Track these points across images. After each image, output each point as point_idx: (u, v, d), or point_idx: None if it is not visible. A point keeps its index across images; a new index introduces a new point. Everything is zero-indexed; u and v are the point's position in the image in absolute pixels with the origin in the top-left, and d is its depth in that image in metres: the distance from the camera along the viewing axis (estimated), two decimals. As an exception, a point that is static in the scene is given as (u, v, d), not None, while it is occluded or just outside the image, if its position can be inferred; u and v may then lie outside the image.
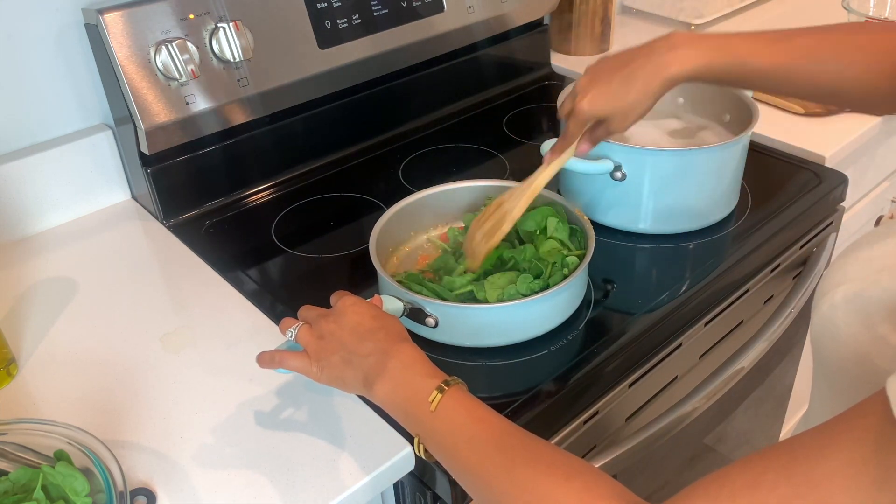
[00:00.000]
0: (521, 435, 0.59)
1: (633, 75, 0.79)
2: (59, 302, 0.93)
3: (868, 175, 1.39)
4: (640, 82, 0.79)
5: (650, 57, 0.79)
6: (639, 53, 0.80)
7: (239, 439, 0.74)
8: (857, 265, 0.62)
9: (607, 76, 0.81)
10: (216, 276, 0.96)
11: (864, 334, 0.58)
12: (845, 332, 0.60)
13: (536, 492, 0.54)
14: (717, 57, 0.77)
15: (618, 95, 0.80)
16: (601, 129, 0.85)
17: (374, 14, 1.14)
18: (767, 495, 0.43)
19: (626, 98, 0.80)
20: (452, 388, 0.63)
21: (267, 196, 1.14)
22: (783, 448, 0.44)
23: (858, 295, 0.59)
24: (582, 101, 0.81)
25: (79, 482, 0.62)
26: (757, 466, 0.44)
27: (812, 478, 0.42)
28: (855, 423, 0.42)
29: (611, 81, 0.80)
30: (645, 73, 0.78)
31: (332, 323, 0.70)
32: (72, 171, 1.05)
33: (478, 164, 1.20)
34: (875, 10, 1.55)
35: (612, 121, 0.82)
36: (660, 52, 0.78)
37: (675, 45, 0.78)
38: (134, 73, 0.95)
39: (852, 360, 0.59)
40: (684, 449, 1.10)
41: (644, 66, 0.79)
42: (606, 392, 0.85)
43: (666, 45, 0.79)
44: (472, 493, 0.61)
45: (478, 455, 0.59)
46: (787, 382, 1.36)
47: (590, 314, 0.89)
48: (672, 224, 1.01)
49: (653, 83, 0.79)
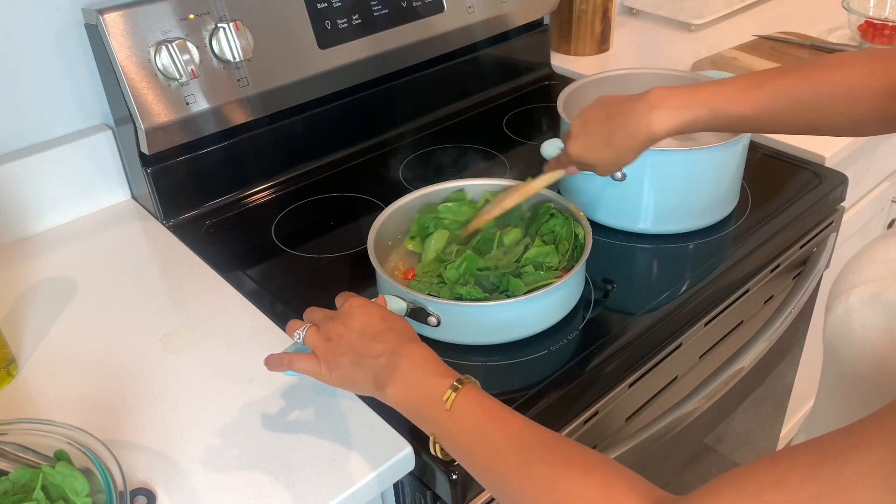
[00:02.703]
0: (538, 431, 0.59)
1: (615, 133, 0.82)
2: (58, 302, 0.93)
3: (868, 175, 1.39)
4: (622, 140, 0.82)
5: (630, 116, 0.81)
6: (621, 109, 0.82)
7: (239, 439, 0.74)
8: (872, 267, 0.62)
9: (594, 127, 0.84)
10: (216, 276, 0.96)
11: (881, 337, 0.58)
12: (860, 335, 0.60)
13: (555, 488, 0.54)
14: (695, 112, 0.79)
15: (600, 150, 0.84)
16: (586, 167, 0.88)
17: (374, 14, 1.14)
18: (793, 494, 0.42)
19: (608, 153, 0.83)
20: (466, 386, 0.63)
21: (267, 196, 1.14)
22: (811, 447, 0.44)
23: (875, 297, 0.59)
24: (571, 146, 0.86)
25: (79, 482, 0.62)
26: (783, 464, 0.44)
27: (839, 478, 0.41)
28: (886, 425, 0.41)
29: (595, 134, 0.84)
30: (626, 132, 0.81)
31: (340, 325, 0.69)
32: (72, 171, 1.05)
33: (478, 164, 1.20)
34: (875, 10, 1.55)
35: (595, 168, 0.86)
36: (640, 113, 0.80)
37: (654, 106, 0.79)
38: (134, 73, 0.95)
39: (868, 362, 0.59)
40: (684, 449, 1.10)
41: (625, 125, 0.81)
42: (606, 392, 0.85)
43: (645, 105, 0.80)
44: (492, 490, 0.61)
45: (495, 453, 0.59)
46: (787, 382, 1.36)
47: (590, 314, 0.89)
48: (672, 224, 1.01)
49: (633, 143, 0.81)
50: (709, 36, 1.59)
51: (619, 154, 0.83)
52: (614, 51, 1.55)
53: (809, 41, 1.47)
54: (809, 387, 1.56)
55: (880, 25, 1.45)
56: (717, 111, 0.78)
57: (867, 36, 1.47)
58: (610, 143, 0.82)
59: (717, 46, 1.50)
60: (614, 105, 0.83)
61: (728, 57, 1.44)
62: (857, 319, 0.60)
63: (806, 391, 1.49)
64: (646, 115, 0.79)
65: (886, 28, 1.45)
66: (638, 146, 0.82)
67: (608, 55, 1.53)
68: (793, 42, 1.48)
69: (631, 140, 0.81)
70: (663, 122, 0.79)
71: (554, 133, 1.25)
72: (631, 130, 0.80)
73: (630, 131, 0.80)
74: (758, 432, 1.35)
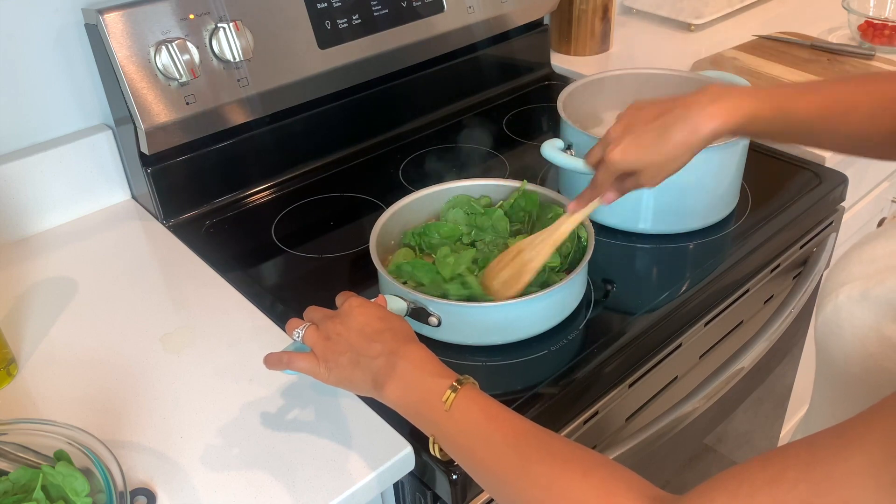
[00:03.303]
0: (537, 431, 0.59)
1: (671, 128, 0.73)
2: (58, 302, 0.93)
3: (868, 175, 1.39)
4: (679, 136, 0.73)
5: (691, 108, 0.73)
6: (677, 104, 0.75)
7: (239, 439, 0.74)
8: (860, 265, 0.62)
9: (642, 127, 0.75)
10: (216, 276, 0.96)
11: (870, 334, 0.58)
12: (850, 333, 0.60)
13: (554, 489, 0.54)
14: (762, 107, 0.73)
15: (652, 149, 0.74)
16: (630, 180, 0.79)
17: (374, 14, 1.14)
18: (787, 493, 0.43)
19: (662, 152, 0.74)
20: (465, 386, 0.63)
21: (267, 196, 1.14)
22: (804, 446, 0.44)
23: (863, 295, 0.59)
24: (614, 151, 0.76)
25: (79, 482, 0.62)
26: (777, 463, 0.44)
27: (832, 477, 0.42)
28: (876, 424, 0.42)
29: (645, 133, 0.75)
30: (684, 126, 0.73)
31: (339, 324, 0.69)
32: (72, 171, 1.05)
33: (478, 164, 1.20)
34: (875, 10, 1.55)
35: (643, 174, 0.76)
36: (701, 105, 0.73)
37: (718, 97, 0.73)
38: (134, 73, 0.95)
39: (857, 360, 0.59)
40: (684, 449, 1.10)
41: (684, 118, 0.73)
42: (606, 392, 0.85)
43: (707, 97, 0.73)
44: (491, 491, 0.61)
45: (494, 454, 0.59)
46: (787, 382, 1.36)
47: (590, 314, 0.89)
48: (672, 224, 1.01)
49: (692, 137, 0.73)
50: (709, 36, 1.59)
51: (674, 153, 0.74)
52: (614, 51, 1.55)
53: (809, 41, 1.47)
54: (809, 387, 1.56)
55: (880, 25, 1.45)
56: (779, 109, 0.73)
57: (867, 36, 1.47)
58: (664, 140, 0.73)
59: (717, 46, 1.50)
60: (663, 103, 0.76)
61: (728, 57, 1.44)
62: (846, 317, 0.60)
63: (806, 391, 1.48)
64: (709, 107, 0.72)
65: (886, 28, 1.45)
66: (698, 142, 0.73)
67: (608, 55, 1.53)
68: (793, 42, 1.48)
69: (691, 135, 0.73)
70: (729, 113, 0.72)
71: (554, 133, 1.25)
72: (691, 124, 0.72)
73: (691, 125, 0.72)
74: (758, 432, 1.35)
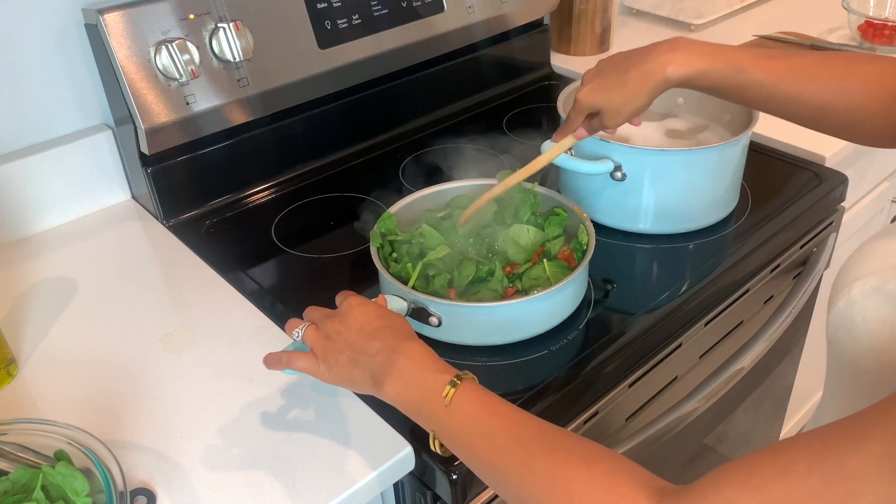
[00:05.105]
0: (538, 424, 0.59)
1: (630, 72, 0.81)
2: (58, 302, 0.93)
3: (868, 175, 1.39)
4: (636, 79, 0.80)
5: (649, 56, 0.80)
6: (639, 52, 0.82)
7: (239, 439, 0.74)
8: (874, 260, 0.62)
9: (608, 70, 0.84)
10: (216, 276, 0.96)
11: (883, 329, 0.58)
12: (862, 328, 0.60)
13: (557, 482, 0.54)
14: (716, 63, 0.79)
15: (613, 90, 0.82)
16: (596, 120, 0.87)
17: (374, 14, 1.14)
18: (798, 484, 0.42)
19: (621, 93, 0.82)
20: (465, 382, 0.63)
21: (267, 196, 1.14)
22: (815, 437, 0.44)
23: (877, 289, 0.59)
24: (581, 90, 0.85)
25: (79, 482, 0.62)
26: (788, 454, 0.44)
27: (843, 469, 0.41)
28: (889, 416, 0.42)
29: (609, 75, 0.83)
30: (642, 70, 0.80)
31: (338, 323, 0.70)
32: (72, 171, 1.05)
33: (478, 164, 1.20)
34: (875, 11, 1.55)
35: (605, 114, 0.84)
36: (659, 52, 0.80)
37: (676, 48, 0.80)
38: (134, 73, 0.95)
39: (870, 355, 0.59)
40: (684, 449, 1.10)
41: (642, 63, 0.80)
42: (606, 392, 0.85)
43: (667, 46, 0.80)
44: (493, 486, 0.61)
45: (495, 448, 0.59)
46: (787, 382, 1.36)
47: (590, 314, 0.89)
48: (672, 224, 1.01)
49: (648, 82, 0.80)
50: (709, 36, 1.59)
51: (631, 95, 0.81)
52: (614, 51, 1.54)
53: (809, 41, 1.47)
54: (809, 387, 1.56)
55: (880, 25, 1.45)
56: (736, 68, 0.78)
57: (867, 36, 1.47)
58: (623, 82, 0.81)
59: (717, 46, 1.50)
60: (633, 51, 0.83)
61: (728, 57, 1.44)
62: (858, 312, 0.60)
63: (806, 391, 1.49)
64: (664, 55, 0.79)
65: (886, 28, 1.45)
66: (652, 87, 0.80)
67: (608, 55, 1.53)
68: (793, 42, 1.48)
69: (645, 80, 0.80)
70: (681, 65, 0.79)
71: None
72: (647, 69, 0.80)
73: (646, 70, 0.80)
74: (758, 432, 1.35)
